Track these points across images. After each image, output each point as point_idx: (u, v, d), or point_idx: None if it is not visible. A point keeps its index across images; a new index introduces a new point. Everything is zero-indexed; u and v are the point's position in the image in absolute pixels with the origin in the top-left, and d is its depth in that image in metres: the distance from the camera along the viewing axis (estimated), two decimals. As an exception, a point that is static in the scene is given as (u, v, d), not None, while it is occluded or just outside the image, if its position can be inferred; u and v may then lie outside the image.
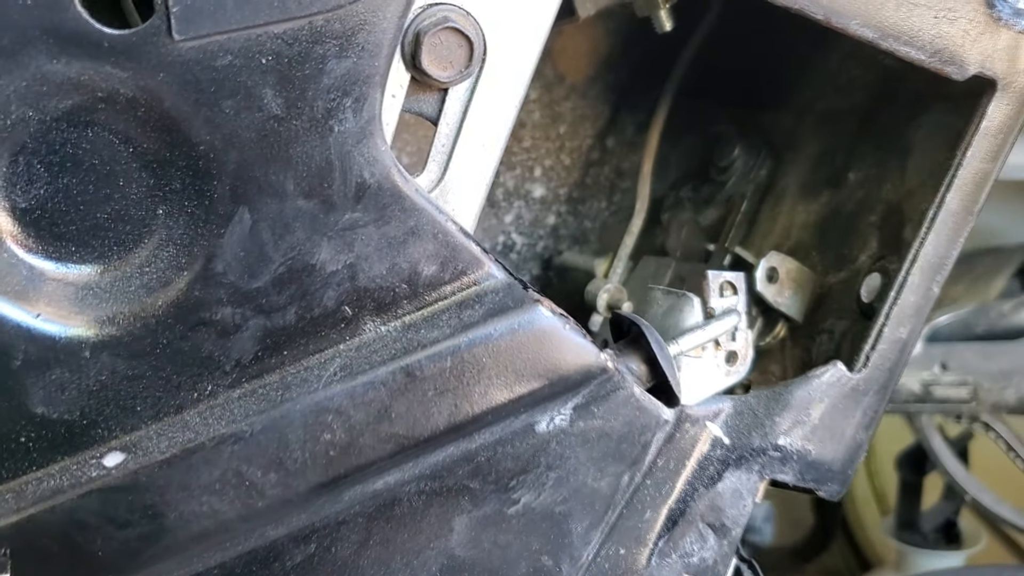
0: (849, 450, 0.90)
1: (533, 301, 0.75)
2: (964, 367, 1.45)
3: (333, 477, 0.72)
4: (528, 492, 0.79)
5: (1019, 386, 1.43)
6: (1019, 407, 1.45)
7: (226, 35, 0.62)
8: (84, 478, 0.68)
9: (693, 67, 1.19)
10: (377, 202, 0.70)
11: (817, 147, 1.10)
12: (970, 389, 1.45)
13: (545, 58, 0.77)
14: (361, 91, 0.67)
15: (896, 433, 1.89)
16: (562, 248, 1.34)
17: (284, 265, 0.70)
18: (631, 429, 0.81)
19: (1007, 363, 1.45)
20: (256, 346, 0.71)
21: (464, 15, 0.72)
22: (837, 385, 0.88)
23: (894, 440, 1.93)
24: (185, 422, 0.70)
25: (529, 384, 0.75)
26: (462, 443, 0.76)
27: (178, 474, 0.69)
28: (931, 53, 0.80)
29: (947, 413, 1.54)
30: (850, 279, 0.97)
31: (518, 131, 1.26)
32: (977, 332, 1.51)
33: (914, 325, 0.89)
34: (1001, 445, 1.50)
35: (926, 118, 0.94)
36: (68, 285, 0.67)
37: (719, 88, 1.21)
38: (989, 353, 1.47)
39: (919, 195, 0.91)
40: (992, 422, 1.49)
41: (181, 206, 0.67)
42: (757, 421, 0.88)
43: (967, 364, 1.46)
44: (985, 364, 1.46)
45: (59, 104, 0.62)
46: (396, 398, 0.72)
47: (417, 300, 0.74)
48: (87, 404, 0.68)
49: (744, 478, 0.88)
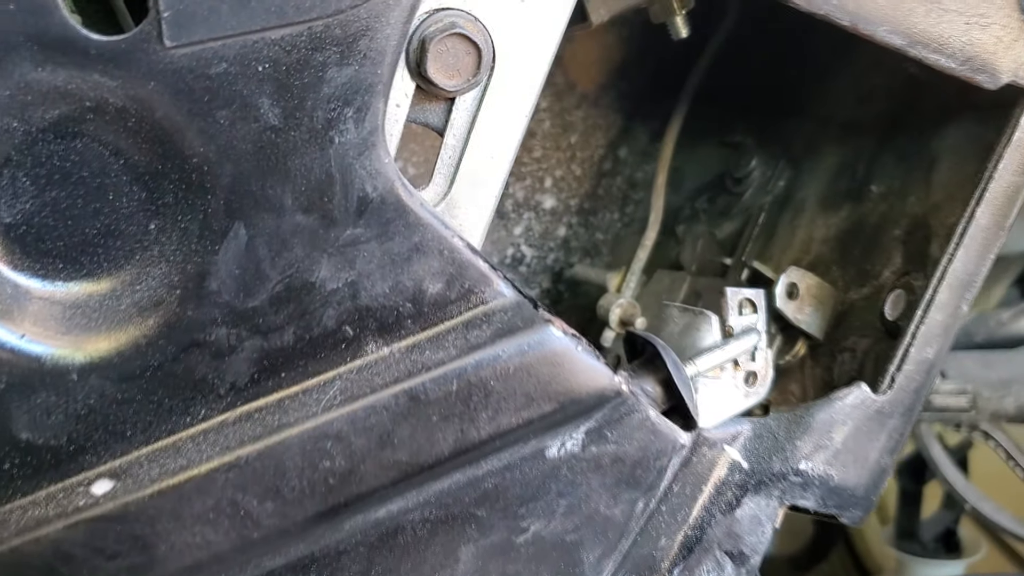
0: (873, 475, 0.88)
1: (544, 321, 0.72)
2: (963, 375, 1.43)
3: (333, 506, 0.69)
4: (538, 520, 0.76)
5: (1018, 395, 1.42)
6: (1018, 416, 1.44)
7: (220, 41, 0.60)
8: (71, 507, 0.65)
9: (709, 74, 1.17)
10: (380, 217, 0.68)
11: (837, 158, 1.08)
12: (969, 398, 1.43)
13: (556, 66, 0.75)
14: (363, 101, 0.65)
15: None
16: (573, 261, 1.32)
17: (282, 283, 0.67)
18: (646, 454, 0.78)
19: (1006, 372, 1.43)
20: (252, 368, 0.68)
21: (472, 21, 0.70)
22: (861, 407, 0.85)
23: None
24: (177, 448, 0.68)
25: (539, 408, 0.72)
26: (468, 469, 0.73)
27: (170, 503, 0.66)
28: (962, 61, 0.77)
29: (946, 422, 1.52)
30: (873, 295, 0.94)
31: (528, 141, 1.24)
32: (976, 340, 1.50)
33: (941, 344, 0.85)
34: (1000, 454, 1.50)
35: (952, 129, 0.92)
36: (55, 304, 0.65)
37: (736, 96, 1.19)
38: (988, 362, 1.45)
39: (946, 209, 0.88)
40: (991, 431, 1.48)
41: (174, 221, 0.65)
42: (777, 444, 0.85)
43: (966, 372, 1.44)
44: (984, 373, 1.44)
45: (45, 114, 0.60)
46: (399, 423, 0.70)
47: (422, 320, 0.71)
48: (74, 429, 0.66)
49: (763, 504, 0.86)
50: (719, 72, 1.18)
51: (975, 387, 1.43)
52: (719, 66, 1.17)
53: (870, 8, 0.73)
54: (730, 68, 1.17)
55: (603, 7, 0.85)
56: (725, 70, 1.18)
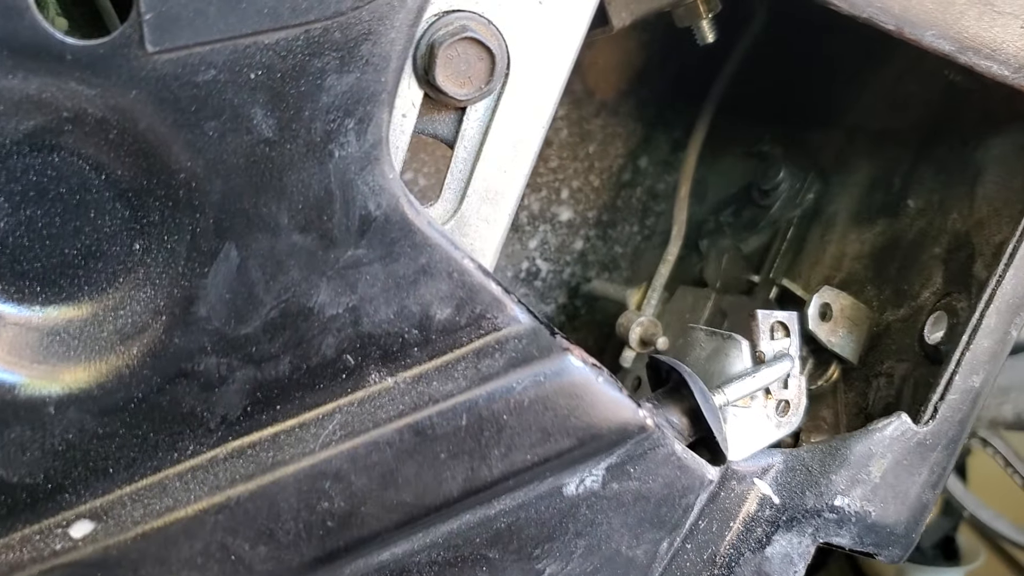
0: (914, 511, 0.84)
1: (562, 349, 0.69)
2: None
3: (331, 550, 0.66)
4: (554, 562, 0.73)
5: (1016, 402, 1.41)
6: (1016, 423, 1.43)
7: (208, 46, 0.57)
8: (47, 551, 0.62)
9: (734, 81, 1.14)
10: (384, 237, 0.64)
11: (870, 170, 1.05)
12: None
13: (574, 72, 0.73)
14: (365, 111, 0.61)
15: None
16: (591, 275, 1.29)
17: (276, 309, 0.64)
18: (671, 491, 0.74)
19: (1004, 379, 1.39)
20: (245, 400, 0.65)
21: (485, 24, 0.66)
22: (901, 439, 0.82)
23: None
24: (163, 487, 0.65)
25: (557, 444, 0.69)
26: (480, 509, 0.70)
27: (154, 547, 0.63)
28: (1016, 68, 0.73)
29: None
30: (911, 317, 0.90)
31: (544, 150, 1.21)
32: None
33: (989, 372, 0.82)
34: (999, 461, 1.49)
35: (999, 139, 0.88)
36: (31, 330, 0.62)
37: (762, 105, 1.16)
38: None
39: (991, 225, 0.85)
40: (990, 437, 1.48)
41: (159, 241, 0.62)
42: (811, 479, 0.82)
43: None
44: None
45: (18, 126, 0.57)
46: (404, 461, 0.66)
47: (429, 348, 0.68)
48: (52, 466, 0.63)
49: (795, 541, 0.82)
50: (743, 79, 1.15)
51: (973, 394, 1.42)
52: (743, 72, 1.15)
53: (917, 11, 0.69)
54: (755, 74, 1.14)
55: (625, 10, 0.81)
56: (750, 77, 1.15)
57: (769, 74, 1.12)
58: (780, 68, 1.12)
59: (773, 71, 1.12)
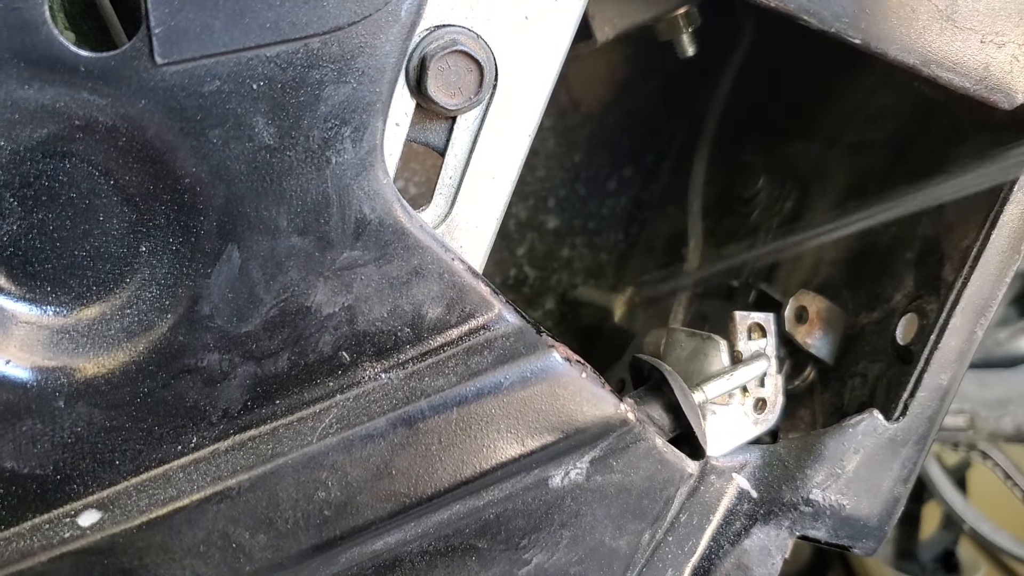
0: (886, 505, 0.85)
1: (547, 347, 0.71)
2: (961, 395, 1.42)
3: (328, 539, 0.68)
4: (540, 552, 0.74)
5: (1016, 414, 1.42)
6: (1016, 435, 1.44)
7: (214, 59, 0.58)
8: (56, 539, 0.64)
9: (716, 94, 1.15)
10: (378, 239, 0.66)
11: (846, 179, 1.06)
12: (967, 417, 1.43)
13: (560, 84, 0.73)
14: (361, 120, 0.63)
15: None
16: (577, 282, 1.30)
17: (276, 307, 0.65)
18: (652, 483, 0.76)
19: (1004, 391, 1.43)
20: (245, 395, 0.66)
21: (474, 38, 0.68)
22: (873, 435, 0.83)
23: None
24: (167, 478, 0.66)
25: (543, 437, 0.71)
26: (469, 500, 0.71)
27: (159, 535, 0.65)
28: (976, 80, 0.75)
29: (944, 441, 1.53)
30: (884, 319, 0.92)
31: (531, 160, 1.22)
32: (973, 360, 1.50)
33: (956, 371, 0.83)
34: (999, 474, 1.50)
35: (965, 148, 0.89)
36: (42, 328, 0.63)
37: (742, 115, 1.18)
38: (986, 381, 1.45)
39: (959, 231, 0.86)
40: (989, 450, 1.49)
41: (165, 243, 0.63)
42: (787, 473, 0.83)
43: (964, 392, 1.43)
44: (982, 392, 1.44)
45: (33, 133, 0.58)
46: (397, 453, 0.68)
47: (421, 345, 0.69)
48: (61, 458, 0.64)
49: (773, 534, 0.84)
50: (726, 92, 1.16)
51: (973, 407, 1.43)
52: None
53: (882, 26, 0.71)
54: (736, 86, 1.16)
55: (608, 25, 0.84)
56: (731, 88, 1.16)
57: (750, 87, 1.15)
58: (760, 81, 1.14)
59: (753, 84, 1.14)
